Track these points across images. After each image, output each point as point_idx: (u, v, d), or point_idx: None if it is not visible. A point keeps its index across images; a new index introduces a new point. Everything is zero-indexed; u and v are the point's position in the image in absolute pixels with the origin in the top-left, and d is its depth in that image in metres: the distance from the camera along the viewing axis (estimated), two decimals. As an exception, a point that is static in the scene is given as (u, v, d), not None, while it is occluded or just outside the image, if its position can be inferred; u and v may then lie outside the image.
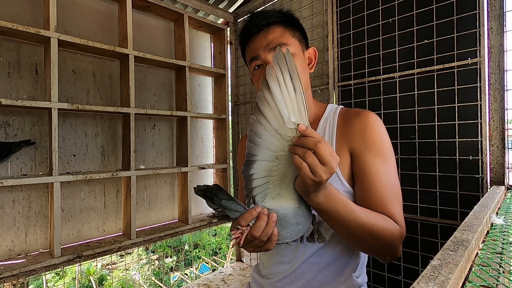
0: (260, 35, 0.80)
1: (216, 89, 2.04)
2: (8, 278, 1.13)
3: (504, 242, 0.50)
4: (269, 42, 0.78)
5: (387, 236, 0.66)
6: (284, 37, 0.79)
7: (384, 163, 0.74)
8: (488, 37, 1.04)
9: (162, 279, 4.81)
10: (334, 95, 1.47)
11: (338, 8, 1.45)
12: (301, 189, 0.58)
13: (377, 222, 0.66)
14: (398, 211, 0.71)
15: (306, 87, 0.82)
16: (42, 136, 1.37)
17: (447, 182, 1.13)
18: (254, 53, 0.80)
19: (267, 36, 0.79)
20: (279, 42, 0.77)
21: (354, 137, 0.78)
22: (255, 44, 0.80)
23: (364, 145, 0.76)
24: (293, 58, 0.74)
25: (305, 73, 0.81)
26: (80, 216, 1.48)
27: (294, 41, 0.81)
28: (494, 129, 1.05)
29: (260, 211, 0.59)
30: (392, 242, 0.68)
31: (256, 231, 0.58)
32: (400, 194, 0.74)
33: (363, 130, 0.77)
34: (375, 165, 0.73)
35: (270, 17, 0.79)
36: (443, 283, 0.32)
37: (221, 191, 0.60)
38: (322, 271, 0.79)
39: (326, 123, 0.85)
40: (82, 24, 1.50)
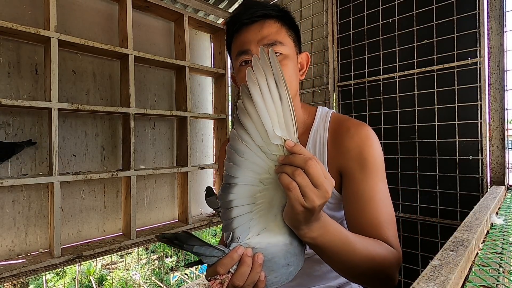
0: (254, 26, 0.69)
1: (216, 89, 2.04)
2: (8, 278, 1.13)
3: (504, 242, 0.51)
4: (263, 37, 0.68)
5: (386, 265, 0.59)
6: (280, 34, 0.70)
7: (377, 182, 0.68)
8: (488, 37, 1.04)
9: (162, 279, 4.81)
10: (334, 95, 1.47)
11: (338, 8, 1.45)
12: (291, 220, 0.48)
13: (376, 251, 0.58)
14: (393, 233, 0.65)
15: (294, 94, 0.74)
16: (42, 136, 1.37)
17: (447, 182, 1.13)
18: (244, 46, 0.70)
19: (262, 30, 0.69)
20: (274, 39, 0.68)
21: (344, 156, 0.71)
22: (247, 36, 0.70)
23: (356, 164, 0.69)
24: (287, 60, 0.69)
25: (296, 79, 0.73)
26: (80, 216, 1.48)
27: (289, 41, 0.72)
28: (494, 129, 1.05)
29: (243, 253, 0.48)
30: (391, 271, 0.60)
31: (239, 279, 0.48)
32: (393, 215, 0.68)
33: (354, 149, 0.70)
34: (369, 184, 0.67)
35: (267, 9, 0.70)
36: (443, 283, 0.32)
37: (192, 238, 0.47)
38: (322, 266, 0.80)
39: (316, 136, 0.78)
40: (82, 24, 1.50)
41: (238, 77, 0.73)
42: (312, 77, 1.58)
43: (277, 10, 0.72)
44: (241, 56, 0.70)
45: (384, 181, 0.70)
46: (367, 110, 1.34)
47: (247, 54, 0.69)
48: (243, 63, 0.71)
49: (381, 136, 1.30)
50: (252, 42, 0.69)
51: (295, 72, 0.72)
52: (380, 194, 0.67)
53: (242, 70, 0.71)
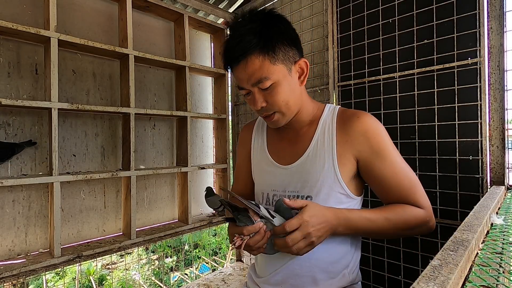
0: (240, 66, 0.75)
1: (216, 89, 2.04)
2: (8, 278, 1.13)
3: (504, 242, 0.51)
4: (249, 76, 0.74)
5: (412, 224, 0.74)
6: (263, 69, 0.73)
7: (393, 160, 0.78)
8: (488, 37, 1.04)
9: (162, 279, 4.81)
10: (334, 95, 1.47)
11: (338, 8, 1.45)
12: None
13: (400, 217, 0.74)
14: (421, 194, 0.78)
15: (299, 106, 0.83)
16: (42, 136, 1.37)
17: (447, 182, 1.13)
18: (239, 83, 0.79)
19: (247, 69, 0.74)
20: (259, 77, 0.73)
21: (356, 140, 0.78)
22: (238, 75, 0.77)
23: (371, 151, 0.78)
24: (278, 86, 0.75)
25: (293, 93, 0.78)
26: (80, 216, 1.48)
27: (275, 68, 0.74)
28: (494, 129, 1.05)
29: (261, 228, 0.70)
30: (420, 226, 0.76)
31: (253, 243, 0.69)
32: (416, 177, 0.80)
33: (365, 133, 0.78)
34: (387, 167, 0.77)
35: (246, 48, 0.72)
36: (443, 283, 0.32)
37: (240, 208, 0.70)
38: (314, 267, 0.80)
39: (325, 125, 0.84)
40: (82, 24, 1.50)
41: (246, 101, 0.85)
42: (312, 77, 1.58)
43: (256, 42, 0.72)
44: (241, 90, 0.80)
45: (397, 153, 0.80)
46: (367, 110, 1.34)
47: (244, 89, 0.79)
48: (245, 94, 0.80)
49: (381, 136, 1.30)
50: (243, 80, 0.77)
51: (291, 90, 0.78)
52: (398, 169, 0.77)
53: (246, 99, 0.83)
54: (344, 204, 0.80)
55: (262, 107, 0.78)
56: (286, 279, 0.82)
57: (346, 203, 0.80)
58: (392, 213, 0.75)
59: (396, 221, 0.74)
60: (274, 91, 0.76)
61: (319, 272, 0.80)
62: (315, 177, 0.80)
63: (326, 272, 0.80)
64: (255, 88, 0.76)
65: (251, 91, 0.78)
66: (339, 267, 0.82)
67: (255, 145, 0.98)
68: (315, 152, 0.82)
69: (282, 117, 0.81)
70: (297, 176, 0.83)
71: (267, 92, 0.76)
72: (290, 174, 0.84)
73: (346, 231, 0.73)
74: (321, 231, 0.68)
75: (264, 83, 0.75)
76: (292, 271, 0.81)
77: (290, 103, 0.79)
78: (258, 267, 0.93)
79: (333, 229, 0.71)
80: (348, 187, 0.80)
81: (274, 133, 0.94)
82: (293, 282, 0.81)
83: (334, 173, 0.79)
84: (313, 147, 0.83)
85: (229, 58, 0.77)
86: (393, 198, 0.78)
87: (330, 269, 0.81)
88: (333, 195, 0.79)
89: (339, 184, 0.79)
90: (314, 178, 0.80)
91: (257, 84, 0.75)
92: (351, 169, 0.80)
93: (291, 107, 0.80)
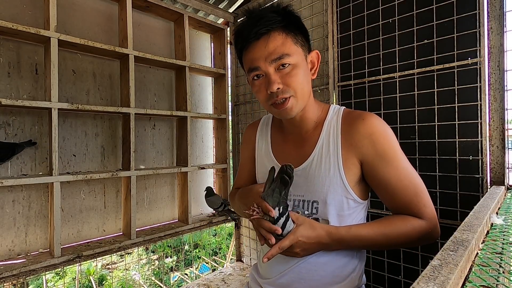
0: (260, 42, 0.73)
1: (216, 89, 2.04)
2: (8, 278, 1.13)
3: (504, 242, 0.50)
4: (270, 52, 0.72)
5: (414, 238, 0.72)
6: (286, 45, 0.72)
7: (399, 165, 0.74)
8: (488, 37, 1.04)
9: (162, 279, 4.81)
10: (334, 95, 1.47)
11: (338, 8, 1.45)
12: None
13: (399, 232, 0.72)
14: (425, 202, 0.74)
15: (308, 96, 0.79)
16: (42, 136, 1.37)
17: (447, 182, 1.13)
18: (253, 63, 0.74)
19: (268, 45, 0.72)
20: (281, 52, 0.72)
21: (361, 143, 0.76)
22: (255, 54, 0.73)
23: (376, 153, 0.74)
24: (296, 69, 0.74)
25: (307, 82, 0.77)
26: (80, 216, 1.48)
27: (296, 48, 0.75)
28: (494, 129, 1.05)
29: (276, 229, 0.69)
30: (422, 238, 0.73)
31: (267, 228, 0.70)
32: (422, 183, 0.76)
33: (370, 136, 0.75)
34: (392, 172, 0.74)
35: (270, 23, 0.72)
36: (443, 283, 0.32)
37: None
38: (320, 271, 0.79)
39: (330, 127, 0.82)
40: (82, 24, 1.50)
41: (253, 90, 0.80)
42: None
43: (281, 20, 0.73)
44: (253, 72, 0.75)
45: (404, 159, 0.76)
46: (367, 110, 1.34)
47: (257, 70, 0.74)
48: (255, 77, 0.76)
49: (381, 136, 1.30)
50: (260, 58, 0.73)
51: (306, 77, 0.77)
52: (403, 175, 0.74)
53: (255, 84, 0.77)
54: (351, 209, 0.79)
55: (278, 89, 0.73)
56: (292, 282, 0.81)
57: (352, 207, 0.79)
58: (391, 227, 0.73)
59: (396, 237, 0.72)
60: (292, 72, 0.73)
61: (326, 277, 0.79)
62: (321, 182, 0.78)
63: (333, 276, 0.79)
64: (272, 68, 0.73)
65: (264, 73, 0.74)
66: (346, 271, 0.81)
67: (259, 146, 0.96)
68: (320, 156, 0.80)
69: (296, 104, 0.76)
70: (302, 181, 0.81)
71: (285, 73, 0.73)
72: (296, 178, 0.81)
73: (340, 248, 0.76)
74: (309, 251, 0.73)
75: (284, 59, 0.72)
76: (298, 274, 0.80)
77: (305, 89, 0.76)
78: (261, 268, 0.91)
79: (325, 248, 0.75)
80: (354, 192, 0.78)
81: (279, 135, 0.92)
82: (298, 285, 0.80)
83: (340, 178, 0.77)
84: (318, 151, 0.81)
85: (247, 35, 0.73)
86: (397, 204, 0.76)
87: (337, 273, 0.80)
88: (339, 200, 0.77)
89: (345, 189, 0.77)
90: (320, 183, 0.78)
91: (277, 60, 0.72)
92: (356, 173, 0.77)
93: (305, 94, 0.77)
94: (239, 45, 0.78)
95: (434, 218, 0.74)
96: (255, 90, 0.78)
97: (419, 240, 0.73)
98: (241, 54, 0.79)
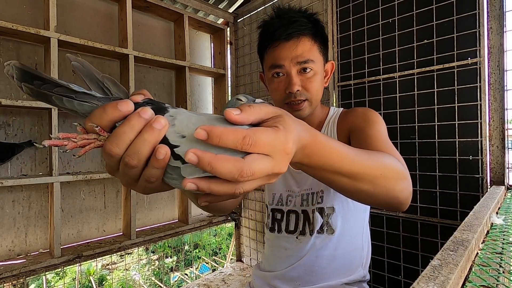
0: (290, 44, 0.76)
1: (216, 89, 2.04)
2: (8, 278, 1.13)
3: (504, 242, 0.51)
4: (297, 55, 0.76)
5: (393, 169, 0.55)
6: (312, 52, 0.78)
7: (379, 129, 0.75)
8: (488, 37, 1.04)
9: (162, 279, 4.81)
10: (334, 95, 1.47)
11: (338, 8, 1.45)
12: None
13: (378, 155, 0.55)
14: (399, 156, 0.68)
15: (319, 101, 0.85)
16: (42, 136, 1.37)
17: (447, 182, 1.13)
18: (278, 61, 0.78)
19: (297, 48, 0.76)
20: (307, 58, 0.77)
21: (351, 119, 0.82)
22: (282, 53, 0.77)
23: (363, 120, 0.79)
24: (316, 76, 0.79)
25: (321, 89, 0.83)
26: (80, 216, 1.48)
27: (320, 57, 0.81)
28: (494, 129, 1.05)
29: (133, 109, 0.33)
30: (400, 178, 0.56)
31: (113, 141, 0.32)
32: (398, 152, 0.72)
33: (360, 113, 0.82)
34: (372, 130, 0.75)
35: (303, 28, 0.77)
36: (443, 283, 0.32)
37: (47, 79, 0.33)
38: (331, 263, 0.81)
39: (328, 127, 0.88)
40: (82, 24, 1.50)
41: (270, 87, 0.83)
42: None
43: (311, 27, 0.78)
44: (275, 69, 0.79)
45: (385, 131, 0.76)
46: (367, 110, 1.35)
47: (280, 68, 0.78)
48: (275, 74, 0.79)
49: (381, 136, 1.30)
50: (287, 58, 0.76)
51: (321, 84, 0.83)
52: (384, 137, 0.73)
53: (274, 81, 0.80)
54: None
55: (297, 91, 0.78)
56: (302, 275, 0.83)
57: None
58: (372, 152, 0.55)
59: (377, 161, 0.52)
60: (313, 78, 0.78)
61: (337, 269, 0.81)
62: None
63: (344, 269, 0.82)
64: (295, 70, 0.77)
65: (286, 73, 0.78)
66: (355, 263, 0.84)
67: None
68: None
69: (309, 107, 0.81)
70: (305, 176, 0.86)
71: (306, 77, 0.78)
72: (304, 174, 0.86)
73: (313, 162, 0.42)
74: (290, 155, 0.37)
75: (308, 64, 0.77)
76: (309, 267, 0.82)
77: (319, 96, 0.82)
78: (267, 262, 0.92)
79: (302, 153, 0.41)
80: None
81: None
82: (309, 278, 0.82)
83: None
84: None
85: (279, 34, 0.76)
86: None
87: (348, 265, 0.83)
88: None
89: None
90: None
91: (302, 63, 0.76)
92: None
93: (318, 100, 0.83)
94: (266, 42, 0.81)
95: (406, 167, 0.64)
96: (273, 87, 0.81)
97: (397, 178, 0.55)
98: (264, 50, 0.82)
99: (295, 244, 0.85)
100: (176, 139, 0.32)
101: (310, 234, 0.83)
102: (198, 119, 0.34)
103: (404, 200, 0.57)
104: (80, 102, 0.35)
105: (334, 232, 0.82)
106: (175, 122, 0.33)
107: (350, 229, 0.83)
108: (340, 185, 0.48)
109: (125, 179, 0.35)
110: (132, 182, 0.35)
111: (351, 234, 0.84)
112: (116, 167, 0.34)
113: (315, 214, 0.83)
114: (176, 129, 0.33)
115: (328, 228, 0.82)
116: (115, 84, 0.37)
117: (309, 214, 0.85)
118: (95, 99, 0.35)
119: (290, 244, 0.86)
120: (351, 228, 0.84)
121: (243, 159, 0.30)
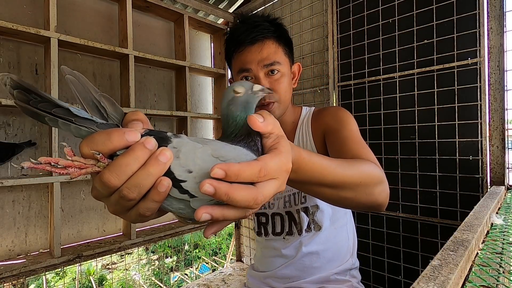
0: (254, 48, 0.78)
1: (216, 89, 2.04)
2: (8, 278, 1.13)
3: (504, 242, 0.51)
4: (263, 57, 0.78)
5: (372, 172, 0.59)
6: (277, 54, 0.80)
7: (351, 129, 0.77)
8: (488, 37, 1.04)
9: (162, 279, 4.81)
10: (334, 95, 1.47)
11: (338, 8, 1.45)
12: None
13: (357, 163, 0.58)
14: (374, 157, 0.69)
15: (288, 103, 0.87)
16: (42, 136, 1.37)
17: (447, 182, 1.13)
18: (246, 65, 0.79)
19: (262, 51, 0.78)
20: (273, 60, 0.78)
21: (324, 119, 0.84)
22: (248, 57, 0.79)
23: (335, 122, 0.81)
24: (283, 77, 0.80)
25: (289, 90, 0.85)
26: (80, 216, 1.48)
27: (285, 59, 0.82)
28: (494, 129, 1.05)
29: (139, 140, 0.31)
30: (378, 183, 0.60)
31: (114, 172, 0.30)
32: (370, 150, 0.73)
33: (331, 112, 0.84)
34: (345, 131, 0.76)
35: (266, 31, 0.79)
36: (443, 283, 0.32)
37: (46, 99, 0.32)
38: (321, 257, 0.84)
39: (302, 126, 0.90)
40: (82, 24, 1.50)
41: None
42: (312, 77, 1.58)
43: (274, 30, 0.80)
44: (243, 73, 0.80)
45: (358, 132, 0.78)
46: (367, 110, 1.35)
47: (248, 72, 0.80)
48: (244, 78, 0.81)
49: (381, 136, 1.30)
50: (253, 62, 0.78)
51: (289, 85, 0.84)
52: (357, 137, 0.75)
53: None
54: None
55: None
56: (294, 272, 0.85)
57: None
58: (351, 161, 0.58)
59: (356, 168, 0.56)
60: (280, 79, 0.80)
61: (326, 262, 0.84)
62: None
63: (334, 261, 0.85)
64: (262, 72, 0.79)
65: (254, 76, 0.80)
66: (343, 253, 0.87)
67: None
68: None
69: (279, 109, 0.83)
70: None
71: (274, 79, 0.80)
72: None
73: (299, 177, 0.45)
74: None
75: (275, 66, 0.78)
76: (300, 264, 0.85)
77: (288, 97, 0.84)
78: (259, 263, 0.96)
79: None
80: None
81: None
82: (301, 274, 0.84)
83: None
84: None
85: (243, 39, 0.78)
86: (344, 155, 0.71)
87: (337, 256, 0.86)
88: None
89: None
90: None
91: (269, 66, 0.78)
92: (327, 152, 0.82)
93: (287, 101, 0.85)
94: (232, 47, 0.83)
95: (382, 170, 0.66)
96: None
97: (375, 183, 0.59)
98: (231, 56, 0.84)
99: (284, 244, 0.88)
100: (182, 174, 0.32)
101: (298, 234, 0.86)
102: (203, 152, 0.33)
103: (382, 201, 0.61)
104: (78, 126, 0.32)
105: (321, 228, 0.85)
106: (179, 154, 0.32)
107: (335, 222, 0.87)
108: (324, 195, 0.53)
109: (115, 208, 0.33)
110: (122, 212, 0.33)
111: (337, 226, 0.87)
112: (107, 195, 0.32)
113: (301, 214, 0.85)
114: (181, 162, 0.32)
115: (315, 225, 0.85)
116: (113, 104, 0.35)
117: (294, 214, 0.87)
118: (95, 125, 0.33)
119: (279, 244, 0.89)
120: (336, 221, 0.87)
121: (256, 187, 0.31)
